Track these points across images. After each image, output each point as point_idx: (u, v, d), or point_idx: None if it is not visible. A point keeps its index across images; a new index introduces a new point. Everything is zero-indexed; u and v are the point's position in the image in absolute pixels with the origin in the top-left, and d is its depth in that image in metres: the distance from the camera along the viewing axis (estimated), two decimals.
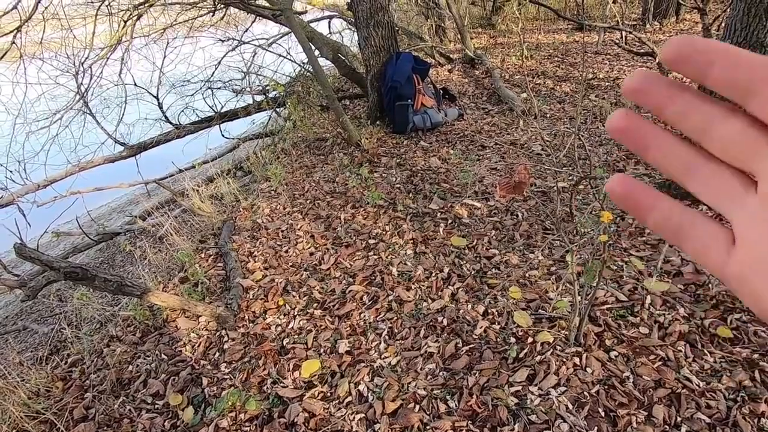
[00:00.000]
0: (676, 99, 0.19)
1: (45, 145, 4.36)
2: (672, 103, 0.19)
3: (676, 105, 0.19)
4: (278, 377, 1.69)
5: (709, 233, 0.19)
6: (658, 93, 0.19)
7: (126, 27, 4.50)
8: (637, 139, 0.20)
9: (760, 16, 1.83)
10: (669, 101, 0.19)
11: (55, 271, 1.46)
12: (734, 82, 0.17)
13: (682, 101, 0.19)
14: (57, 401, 1.78)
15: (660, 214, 0.20)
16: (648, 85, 0.19)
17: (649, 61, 4.49)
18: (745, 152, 0.18)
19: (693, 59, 0.17)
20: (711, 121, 0.18)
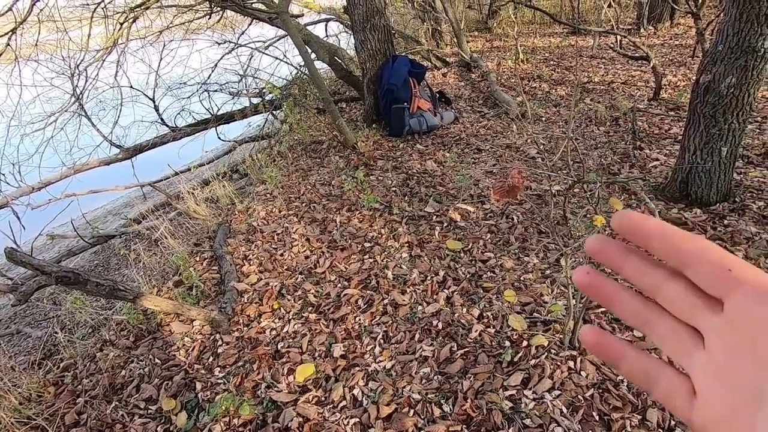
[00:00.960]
0: (628, 262, 0.22)
1: (40, 147, 4.34)
2: (625, 264, 0.22)
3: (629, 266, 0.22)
4: (272, 381, 1.68)
5: (673, 384, 0.21)
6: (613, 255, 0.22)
7: (122, 29, 4.49)
8: (601, 295, 0.23)
9: (752, 22, 1.84)
10: (623, 263, 0.22)
11: (47, 276, 1.45)
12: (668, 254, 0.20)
13: (633, 264, 0.22)
14: (48, 406, 1.77)
15: (630, 364, 0.23)
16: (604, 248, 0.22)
17: (644, 64, 4.52)
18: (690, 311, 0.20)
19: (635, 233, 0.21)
20: (659, 283, 0.21)
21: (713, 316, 0.19)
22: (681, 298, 0.20)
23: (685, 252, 0.20)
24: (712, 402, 0.19)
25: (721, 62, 2.00)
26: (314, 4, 7.24)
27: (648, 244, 0.21)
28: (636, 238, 0.21)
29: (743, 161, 2.60)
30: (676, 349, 0.21)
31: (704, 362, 0.20)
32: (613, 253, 0.22)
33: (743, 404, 0.18)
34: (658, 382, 0.22)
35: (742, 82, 1.97)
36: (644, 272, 0.21)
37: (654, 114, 3.49)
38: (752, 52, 1.90)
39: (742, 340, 0.18)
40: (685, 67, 4.64)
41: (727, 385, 0.18)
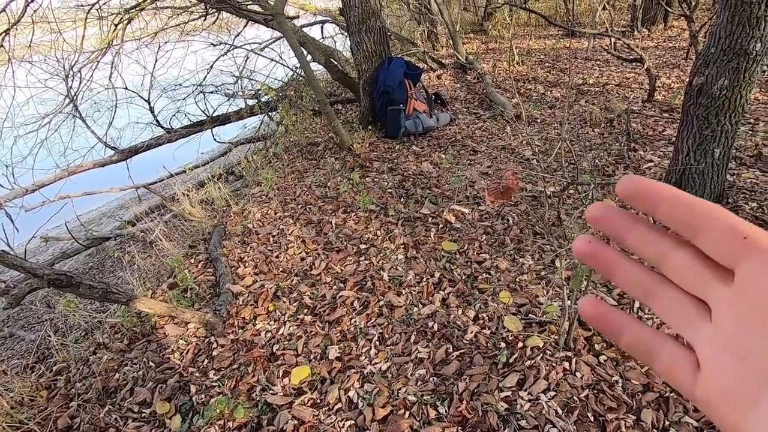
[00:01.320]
0: (633, 230, 0.21)
1: (33, 149, 4.30)
2: (630, 233, 0.21)
3: (634, 235, 0.21)
4: (267, 384, 1.67)
5: (675, 356, 0.20)
6: (617, 224, 0.21)
7: (117, 30, 4.47)
8: (603, 265, 0.22)
9: (744, 24, 1.86)
10: (627, 232, 0.21)
11: (39, 278, 1.44)
12: (678, 220, 0.19)
13: (638, 232, 0.21)
14: (41, 411, 1.75)
15: (630, 337, 0.22)
16: (607, 216, 0.21)
17: (638, 66, 4.55)
18: (697, 282, 0.19)
19: (642, 198, 0.20)
20: (665, 252, 0.20)
21: (722, 286, 0.19)
22: (688, 267, 0.20)
23: (697, 217, 0.19)
24: (718, 374, 0.18)
25: (714, 64, 2.02)
26: (310, 6, 7.24)
27: (656, 210, 0.20)
28: (643, 203, 0.20)
29: (736, 163, 2.62)
30: (681, 321, 0.20)
31: (710, 334, 0.19)
32: (617, 222, 0.21)
33: (751, 375, 0.17)
34: (660, 355, 0.21)
35: (735, 84, 1.98)
36: (649, 241, 0.21)
37: (648, 116, 3.52)
38: (744, 54, 1.92)
39: (752, 310, 0.17)
40: (678, 69, 4.67)
41: (734, 357, 0.18)
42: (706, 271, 0.19)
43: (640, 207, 0.20)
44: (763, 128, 3.01)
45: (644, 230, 0.21)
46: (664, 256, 0.20)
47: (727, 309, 0.18)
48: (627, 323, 0.22)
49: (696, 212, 0.19)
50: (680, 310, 0.20)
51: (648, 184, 0.20)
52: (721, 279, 0.19)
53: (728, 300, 0.18)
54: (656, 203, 0.19)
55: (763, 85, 3.78)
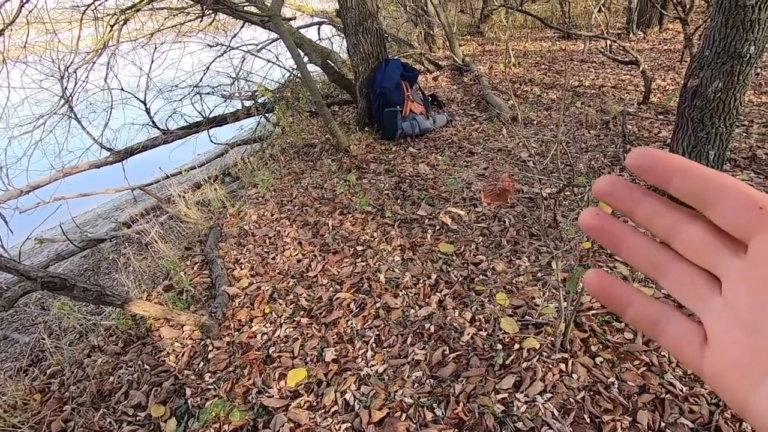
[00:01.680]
0: (642, 203, 0.20)
1: (28, 150, 4.27)
2: (639, 206, 0.20)
3: (643, 208, 0.20)
4: (263, 387, 1.66)
5: (682, 330, 0.20)
6: (626, 197, 0.20)
7: (112, 31, 4.45)
8: (609, 239, 0.22)
9: (738, 27, 1.87)
10: (636, 205, 0.20)
11: (33, 281, 1.42)
12: (692, 193, 0.19)
13: (648, 205, 0.20)
14: (34, 414, 1.73)
15: (636, 310, 0.21)
16: (616, 189, 0.21)
17: (633, 69, 4.58)
18: (709, 255, 0.19)
19: (654, 170, 0.19)
20: (675, 225, 0.20)
21: (735, 259, 0.18)
22: (699, 240, 0.19)
23: (711, 188, 0.18)
24: (727, 347, 0.18)
25: (708, 67, 2.03)
26: (307, 8, 7.25)
27: (668, 182, 0.19)
28: (655, 176, 0.19)
29: (731, 164, 2.63)
30: (690, 295, 0.20)
31: (720, 307, 0.19)
32: (626, 195, 0.21)
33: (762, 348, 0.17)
34: (667, 328, 0.21)
35: (729, 87, 2.00)
36: (659, 214, 0.20)
37: (643, 118, 3.53)
38: (738, 57, 1.93)
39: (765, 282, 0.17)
40: (673, 71, 4.70)
41: (745, 329, 0.18)
42: (718, 244, 0.19)
43: (651, 180, 0.19)
44: (758, 130, 3.03)
45: (654, 203, 0.20)
46: (673, 229, 0.20)
47: (740, 281, 0.18)
48: (633, 296, 0.22)
49: (710, 184, 0.18)
50: (689, 284, 0.20)
51: (661, 156, 0.19)
52: (733, 251, 0.18)
53: (741, 272, 0.18)
54: (670, 176, 0.19)
55: (757, 88, 3.81)
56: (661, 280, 0.21)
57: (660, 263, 0.21)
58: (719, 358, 0.19)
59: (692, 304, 0.20)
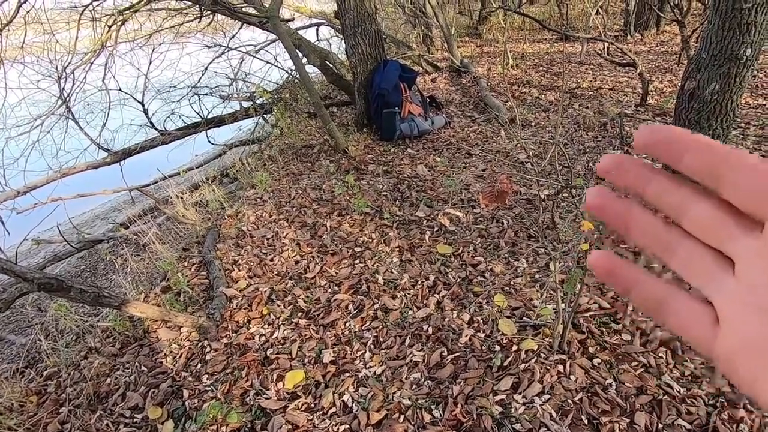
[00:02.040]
0: (651, 180, 0.19)
1: (25, 150, 4.26)
2: (647, 184, 0.19)
3: (651, 186, 0.19)
4: (261, 388, 1.66)
5: (692, 311, 0.19)
6: (632, 174, 0.20)
7: (110, 32, 4.44)
8: (616, 218, 0.21)
9: (734, 30, 1.88)
10: (643, 182, 0.20)
11: (29, 283, 1.42)
12: (705, 169, 0.18)
13: (656, 183, 0.19)
14: (31, 416, 1.72)
15: (643, 291, 0.21)
16: (621, 167, 0.20)
17: (631, 71, 4.59)
18: (721, 234, 0.18)
19: (664, 146, 0.18)
20: (685, 203, 0.19)
21: (749, 238, 0.18)
22: (711, 218, 0.18)
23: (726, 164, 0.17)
24: (740, 328, 0.18)
25: (705, 69, 2.04)
26: (305, 9, 7.25)
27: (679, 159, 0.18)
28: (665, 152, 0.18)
29: None
30: (701, 275, 0.19)
31: (733, 287, 0.18)
32: (632, 172, 0.20)
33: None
34: (675, 309, 0.20)
35: (726, 89, 2.01)
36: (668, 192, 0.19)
37: (641, 119, 3.55)
38: (735, 59, 1.94)
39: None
40: (670, 73, 4.72)
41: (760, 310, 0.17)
42: (731, 222, 0.18)
43: (660, 156, 0.19)
44: (754, 132, 3.05)
45: (663, 181, 0.19)
46: (684, 207, 0.19)
47: (754, 261, 0.17)
48: (639, 276, 0.21)
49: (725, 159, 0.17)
50: (700, 264, 0.19)
51: (671, 132, 0.18)
52: (747, 230, 0.18)
53: (756, 251, 0.17)
54: (681, 152, 0.18)
55: (753, 90, 3.83)
56: (670, 261, 0.20)
57: (669, 243, 0.20)
58: (731, 340, 0.18)
59: (703, 284, 0.19)
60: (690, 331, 0.19)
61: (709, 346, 0.19)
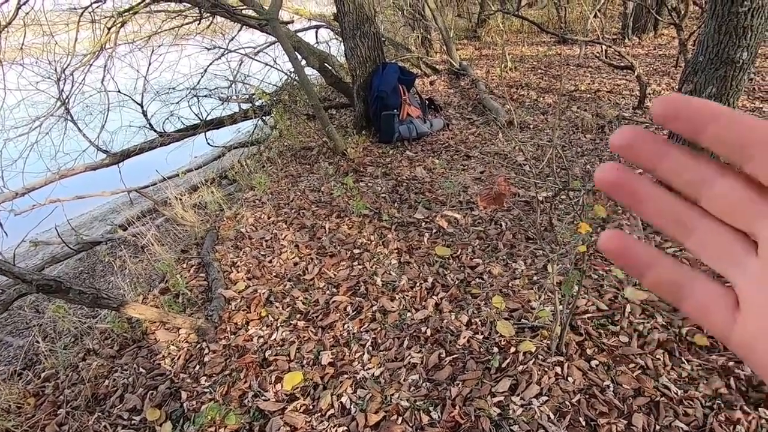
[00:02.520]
0: (667, 156, 0.18)
1: (24, 152, 4.26)
2: (663, 160, 0.18)
3: (668, 162, 0.18)
4: (260, 390, 1.66)
5: (710, 295, 0.18)
6: (648, 149, 0.19)
7: (110, 34, 4.45)
8: (630, 195, 0.20)
9: (730, 34, 1.90)
10: (660, 158, 0.18)
11: (28, 284, 1.42)
12: (731, 142, 0.17)
13: (674, 158, 0.18)
14: (28, 418, 1.72)
15: (658, 273, 0.19)
16: (636, 141, 0.19)
17: (629, 74, 4.61)
18: (744, 213, 0.17)
19: (687, 117, 0.17)
20: (706, 180, 0.18)
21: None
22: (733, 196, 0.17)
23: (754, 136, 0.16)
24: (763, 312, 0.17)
25: (702, 72, 2.05)
26: (304, 11, 7.27)
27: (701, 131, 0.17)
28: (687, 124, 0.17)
29: None
30: (720, 257, 0.18)
31: (756, 269, 0.17)
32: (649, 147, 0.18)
33: None
34: (692, 292, 0.19)
35: (722, 92, 2.02)
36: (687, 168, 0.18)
37: (639, 122, 3.56)
38: (731, 63, 1.96)
39: None
40: (668, 76, 4.74)
41: None
42: (756, 200, 0.17)
43: (682, 129, 0.17)
44: None
45: (681, 156, 0.18)
46: (703, 184, 0.18)
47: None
48: (654, 257, 0.20)
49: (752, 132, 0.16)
50: (720, 245, 0.18)
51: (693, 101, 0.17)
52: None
53: None
54: (704, 123, 0.17)
55: (750, 93, 3.85)
56: (687, 241, 0.19)
57: (687, 222, 0.19)
58: (753, 325, 0.17)
59: (723, 266, 0.18)
60: (707, 316, 0.19)
61: (728, 331, 0.18)
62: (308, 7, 7.70)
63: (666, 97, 0.18)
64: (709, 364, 1.44)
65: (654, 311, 1.66)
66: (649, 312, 1.66)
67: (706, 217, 0.18)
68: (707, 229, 0.18)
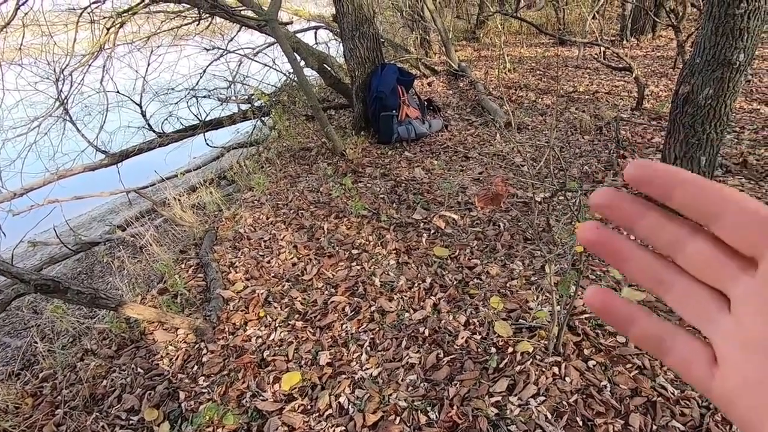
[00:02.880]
0: (643, 216, 0.19)
1: (22, 152, 4.25)
2: (639, 220, 0.19)
3: (644, 222, 0.19)
4: (258, 390, 1.66)
5: (690, 350, 0.19)
6: (625, 210, 0.19)
7: (108, 34, 4.45)
8: (612, 253, 0.20)
9: (727, 36, 1.91)
10: (637, 218, 0.19)
11: (26, 284, 1.42)
12: (695, 206, 0.18)
13: (649, 219, 0.19)
14: (26, 418, 1.72)
15: (641, 329, 0.20)
16: (614, 202, 0.20)
17: (627, 75, 4.63)
18: (716, 272, 0.18)
19: (655, 182, 0.18)
20: (679, 240, 0.19)
21: (744, 276, 0.17)
22: (705, 256, 0.18)
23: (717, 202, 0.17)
24: (738, 368, 0.17)
25: (699, 74, 2.06)
26: (304, 12, 7.28)
27: (669, 195, 0.18)
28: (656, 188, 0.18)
29: (722, 170, 2.67)
30: (697, 313, 0.19)
31: (730, 327, 0.18)
32: (626, 208, 0.19)
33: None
34: (673, 348, 0.20)
35: (719, 94, 2.03)
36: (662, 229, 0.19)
37: (637, 123, 3.57)
38: (728, 64, 1.97)
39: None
40: (666, 78, 4.76)
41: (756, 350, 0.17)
42: (726, 260, 0.18)
43: (652, 192, 0.19)
44: (749, 136, 3.08)
45: (657, 217, 0.19)
46: (678, 244, 0.19)
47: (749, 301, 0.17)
48: (636, 314, 0.21)
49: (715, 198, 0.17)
50: (696, 302, 0.19)
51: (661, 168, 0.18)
52: (742, 269, 0.17)
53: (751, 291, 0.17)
54: (671, 188, 0.18)
55: (747, 95, 3.87)
56: (666, 297, 0.20)
57: (664, 280, 0.20)
58: (729, 381, 0.18)
59: (699, 322, 0.19)
60: (688, 370, 0.19)
61: (708, 385, 0.18)
62: (307, 8, 7.71)
63: (636, 163, 0.19)
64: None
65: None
66: None
67: (682, 275, 0.19)
68: (684, 286, 0.19)
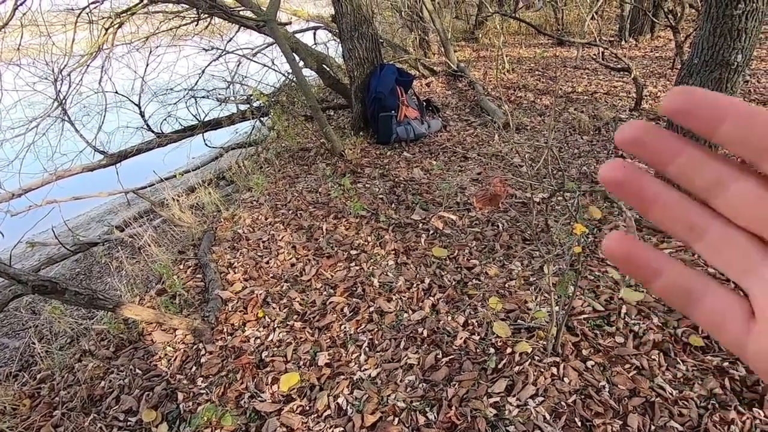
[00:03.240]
0: (680, 153, 0.17)
1: (20, 153, 4.24)
2: (675, 157, 0.17)
3: (680, 160, 0.17)
4: (256, 391, 1.66)
5: (723, 303, 0.17)
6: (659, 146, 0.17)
7: (107, 34, 4.44)
8: (637, 195, 0.18)
9: (725, 36, 1.91)
10: (671, 155, 0.17)
11: (23, 285, 1.41)
12: (748, 140, 0.15)
13: (687, 156, 0.17)
14: (24, 420, 1.71)
15: (667, 279, 0.18)
16: (646, 137, 0.17)
17: (626, 75, 4.63)
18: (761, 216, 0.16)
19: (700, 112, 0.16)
20: (720, 180, 0.17)
21: None
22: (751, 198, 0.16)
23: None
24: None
25: (697, 75, 2.07)
26: (302, 12, 7.28)
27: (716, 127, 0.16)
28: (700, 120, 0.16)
29: None
30: (734, 262, 0.17)
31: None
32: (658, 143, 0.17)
33: None
34: (703, 300, 0.18)
35: None
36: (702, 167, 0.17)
37: None
38: (726, 65, 1.97)
39: None
40: (665, 78, 4.77)
41: None
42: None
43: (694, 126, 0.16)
44: None
45: (696, 153, 0.17)
46: (718, 185, 0.17)
47: None
48: (663, 263, 0.18)
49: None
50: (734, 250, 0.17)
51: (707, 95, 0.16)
52: None
53: None
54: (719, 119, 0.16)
55: (746, 96, 3.87)
56: (698, 245, 0.18)
57: (698, 225, 0.17)
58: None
59: (736, 272, 0.17)
60: (719, 326, 0.18)
61: (743, 342, 0.17)
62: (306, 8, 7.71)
63: (676, 90, 0.16)
64: (704, 365, 1.45)
65: (650, 312, 1.67)
66: (645, 313, 1.67)
67: (718, 219, 0.17)
68: (720, 231, 0.17)
